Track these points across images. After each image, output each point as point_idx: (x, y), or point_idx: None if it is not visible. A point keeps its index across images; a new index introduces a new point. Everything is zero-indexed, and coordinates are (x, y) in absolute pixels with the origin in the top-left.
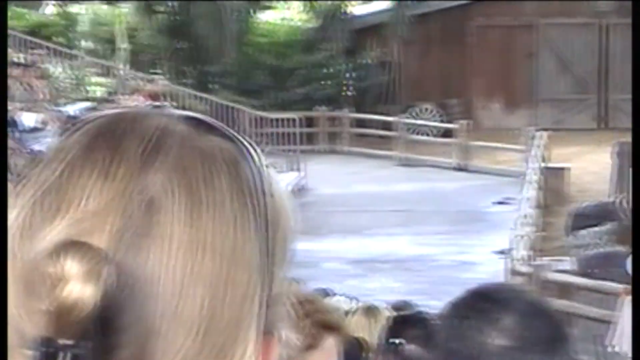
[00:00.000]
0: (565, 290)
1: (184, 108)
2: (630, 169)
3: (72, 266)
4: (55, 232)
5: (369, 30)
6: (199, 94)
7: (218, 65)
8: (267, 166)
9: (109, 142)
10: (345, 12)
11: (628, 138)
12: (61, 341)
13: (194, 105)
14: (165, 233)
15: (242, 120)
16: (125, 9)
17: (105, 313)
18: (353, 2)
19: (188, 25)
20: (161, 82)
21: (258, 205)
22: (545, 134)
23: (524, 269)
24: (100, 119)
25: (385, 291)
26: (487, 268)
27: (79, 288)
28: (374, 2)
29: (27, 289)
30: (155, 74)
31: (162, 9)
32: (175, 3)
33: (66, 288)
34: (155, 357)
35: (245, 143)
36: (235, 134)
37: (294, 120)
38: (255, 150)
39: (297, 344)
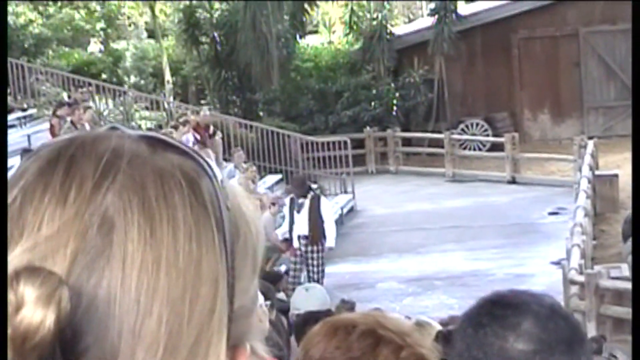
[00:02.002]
0: (621, 297)
1: (233, 137)
2: None
3: (26, 292)
4: (12, 258)
5: (412, 49)
6: (246, 122)
7: (264, 92)
8: (223, 181)
9: (61, 166)
10: (388, 33)
11: None
12: None
13: (242, 133)
14: (120, 252)
15: (292, 145)
16: (169, 42)
17: (62, 336)
18: (395, 22)
19: (233, 54)
20: (208, 113)
21: (215, 216)
22: (594, 141)
23: (579, 277)
24: (53, 145)
25: (441, 308)
26: (543, 279)
27: (33, 313)
28: (416, 21)
29: None
30: (203, 104)
31: (206, 40)
32: (219, 33)
33: (21, 313)
34: None
35: (202, 159)
36: (192, 150)
37: (344, 142)
38: (211, 166)
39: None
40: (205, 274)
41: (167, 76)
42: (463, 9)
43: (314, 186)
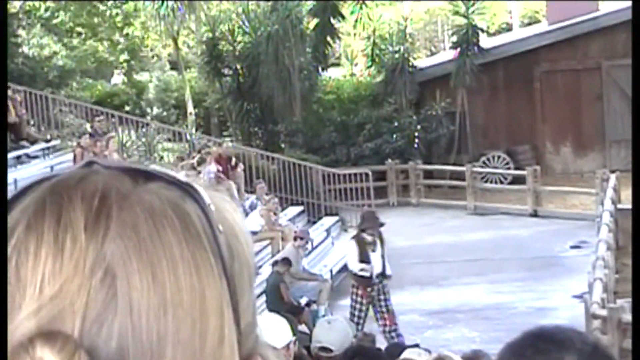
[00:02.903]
0: None
1: (255, 168)
2: None
3: (46, 358)
4: (19, 323)
5: (434, 82)
6: (268, 153)
7: (286, 124)
8: (210, 203)
9: (50, 217)
10: (410, 65)
11: None
12: None
13: (264, 165)
14: (126, 302)
15: (313, 177)
16: (192, 74)
17: None
18: (417, 55)
19: (255, 86)
20: (230, 144)
21: (210, 244)
22: (617, 175)
23: (601, 311)
24: (39, 189)
25: (463, 341)
26: (565, 313)
27: None
28: (438, 54)
29: None
30: (225, 136)
31: (228, 72)
32: (242, 65)
33: None
34: None
35: (186, 184)
36: (175, 176)
37: (365, 174)
38: (197, 190)
39: None
40: (210, 306)
41: (190, 108)
42: (485, 42)
43: (336, 218)
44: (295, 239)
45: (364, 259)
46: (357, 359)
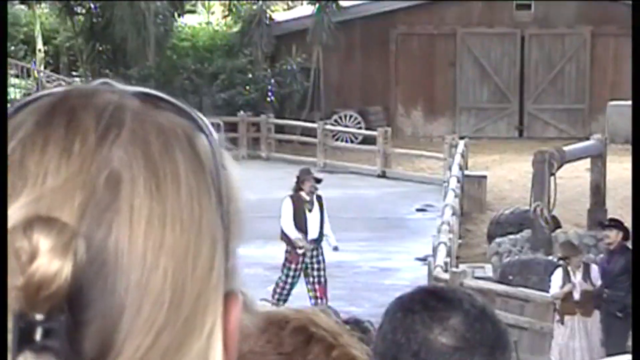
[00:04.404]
0: (483, 296)
1: None
2: (549, 177)
3: (41, 241)
4: (17, 209)
5: (291, 36)
6: None
7: (139, 69)
8: (217, 140)
9: (60, 118)
10: (267, 18)
11: (546, 146)
12: (34, 316)
13: None
14: (128, 206)
15: None
16: (43, 9)
17: (76, 287)
18: (275, 8)
19: (109, 27)
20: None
21: (213, 178)
22: (465, 141)
23: (444, 275)
24: (49, 96)
25: (305, 297)
26: (408, 274)
27: (50, 262)
28: (297, 8)
29: None
30: (75, 76)
31: (81, 10)
32: (96, 5)
33: (36, 263)
34: (124, 330)
35: (198, 117)
36: (186, 107)
37: (216, 125)
38: (207, 124)
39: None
40: (205, 231)
41: (39, 45)
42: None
43: None
44: None
45: (299, 220)
46: None
